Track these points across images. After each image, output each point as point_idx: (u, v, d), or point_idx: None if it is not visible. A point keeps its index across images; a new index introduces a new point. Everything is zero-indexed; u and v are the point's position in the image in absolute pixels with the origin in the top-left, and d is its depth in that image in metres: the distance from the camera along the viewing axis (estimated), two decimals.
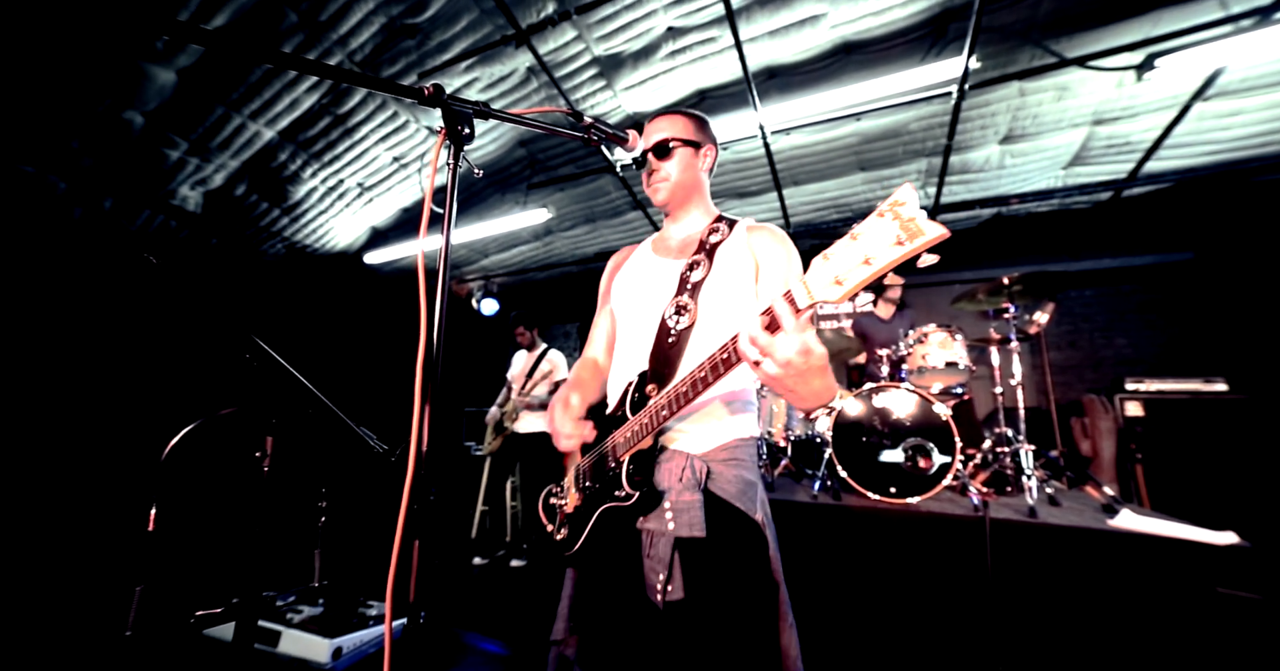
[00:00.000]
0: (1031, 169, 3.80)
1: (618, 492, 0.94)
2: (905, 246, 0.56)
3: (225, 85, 3.01)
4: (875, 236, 0.60)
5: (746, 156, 3.87)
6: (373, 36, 2.80)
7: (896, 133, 3.50)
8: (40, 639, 2.05)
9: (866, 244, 0.60)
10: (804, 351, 0.65)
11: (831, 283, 0.62)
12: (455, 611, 2.49)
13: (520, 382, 3.75)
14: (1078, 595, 2.02)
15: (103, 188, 3.57)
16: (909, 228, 0.57)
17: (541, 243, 5.35)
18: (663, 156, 1.13)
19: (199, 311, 0.96)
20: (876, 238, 0.59)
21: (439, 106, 0.75)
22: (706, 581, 0.87)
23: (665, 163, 1.13)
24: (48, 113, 2.93)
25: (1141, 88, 2.96)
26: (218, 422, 1.13)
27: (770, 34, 2.82)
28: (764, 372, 0.68)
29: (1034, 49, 2.81)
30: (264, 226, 4.40)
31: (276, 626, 1.78)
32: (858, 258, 0.60)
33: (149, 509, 1.11)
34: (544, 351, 3.79)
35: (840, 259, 0.62)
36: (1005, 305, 3.06)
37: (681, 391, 0.86)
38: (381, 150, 3.73)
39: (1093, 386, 4.19)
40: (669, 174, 1.13)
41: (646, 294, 1.11)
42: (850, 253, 0.61)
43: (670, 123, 1.15)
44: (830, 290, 0.63)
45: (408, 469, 0.67)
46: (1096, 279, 4.52)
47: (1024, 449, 2.75)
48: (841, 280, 0.61)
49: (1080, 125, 3.31)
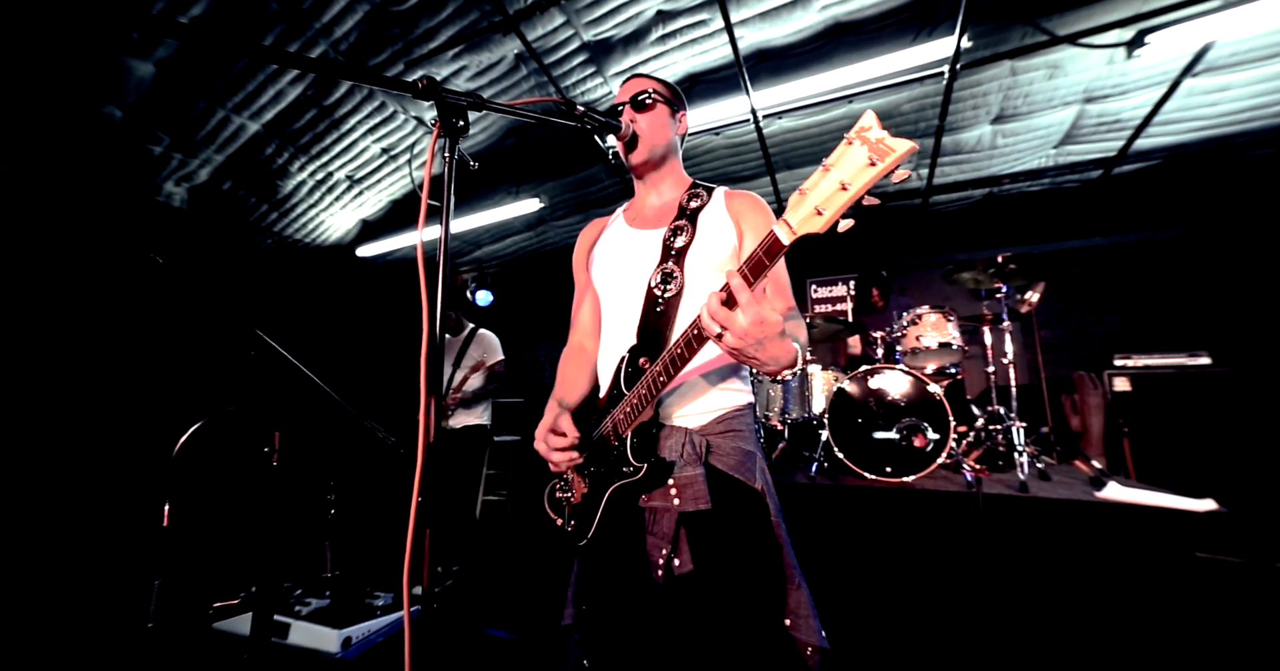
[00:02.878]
0: (1023, 149, 3.81)
1: (625, 469, 0.94)
2: (878, 165, 0.58)
3: (206, 77, 2.94)
4: (847, 162, 0.61)
5: (739, 141, 3.85)
6: (357, 25, 2.74)
7: (889, 114, 3.49)
8: (66, 633, 2.09)
9: (840, 171, 0.62)
10: (758, 321, 0.69)
11: (812, 214, 0.64)
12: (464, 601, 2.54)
13: (448, 374, 3.13)
14: (1067, 564, 2.10)
15: (85, 185, 3.50)
16: (878, 148, 0.59)
17: (534, 232, 5.32)
18: (640, 110, 1.10)
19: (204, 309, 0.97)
20: (848, 163, 0.61)
21: (433, 99, 0.74)
22: (712, 552, 0.89)
23: (642, 116, 1.10)
24: (23, 108, 2.85)
25: (1132, 64, 2.96)
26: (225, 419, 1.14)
27: (761, 16, 2.79)
28: (726, 344, 0.72)
29: (1025, 27, 2.80)
30: (253, 221, 4.34)
31: (285, 618, 1.82)
32: (834, 185, 0.62)
33: (162, 505, 1.13)
34: (471, 332, 3.26)
35: (817, 190, 0.64)
36: (997, 285, 3.10)
37: (677, 353, 0.84)
38: (370, 142, 3.67)
39: (1083, 363, 4.27)
40: (644, 128, 1.09)
41: (629, 265, 1.09)
42: (826, 183, 0.63)
43: (649, 81, 1.14)
44: (812, 221, 0.64)
45: (417, 459, 0.68)
46: (1087, 257, 4.57)
47: (1015, 426, 2.82)
48: (822, 209, 0.63)
49: (1071, 103, 3.31)
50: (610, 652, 0.96)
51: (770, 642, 0.87)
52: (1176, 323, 4.21)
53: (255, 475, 1.11)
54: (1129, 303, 4.43)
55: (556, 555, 3.02)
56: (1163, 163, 3.89)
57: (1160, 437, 3.23)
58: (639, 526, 0.96)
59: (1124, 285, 4.46)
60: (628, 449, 0.94)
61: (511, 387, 6.80)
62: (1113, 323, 4.45)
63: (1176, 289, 4.26)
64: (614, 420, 0.98)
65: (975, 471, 2.71)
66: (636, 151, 1.10)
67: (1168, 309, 4.27)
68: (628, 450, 0.94)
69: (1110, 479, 2.48)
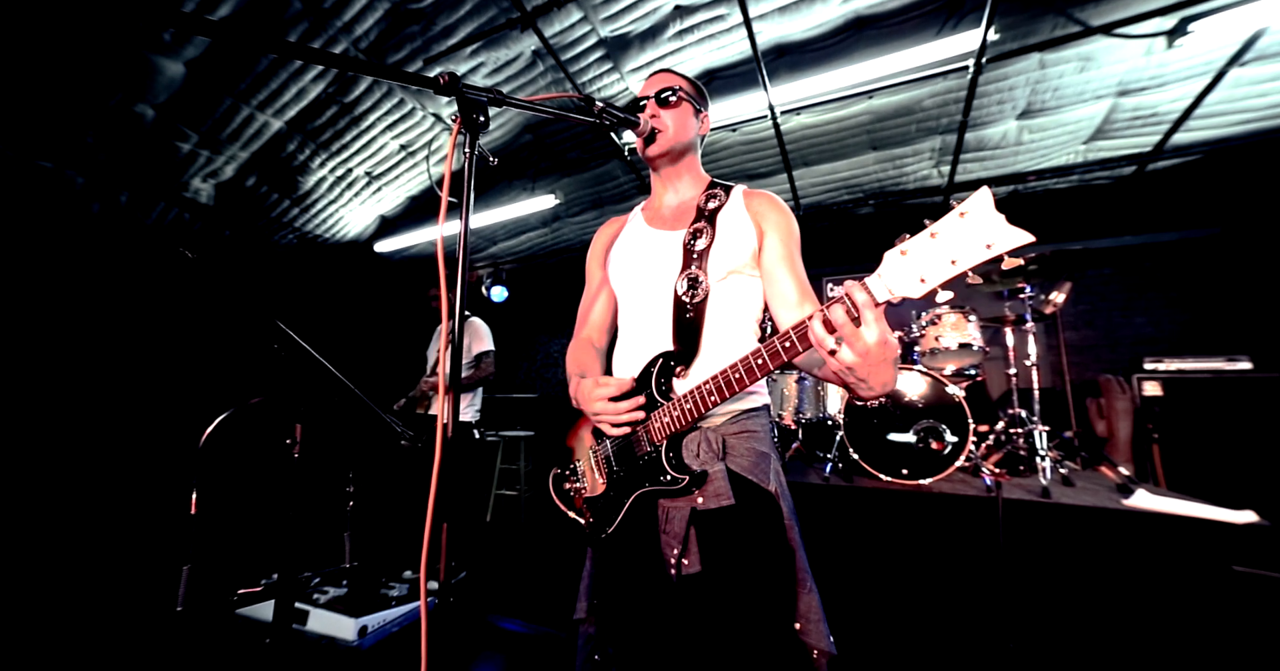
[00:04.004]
0: (1050, 144, 3.69)
1: (662, 477, 0.94)
2: (994, 249, 0.59)
3: (233, 76, 3.01)
4: (958, 237, 0.61)
5: (756, 137, 3.80)
6: (377, 22, 2.77)
7: (910, 110, 3.40)
8: (101, 616, 2.18)
9: (950, 245, 0.62)
10: (883, 342, 0.66)
11: (915, 280, 0.64)
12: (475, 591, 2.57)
13: (434, 356, 3.01)
14: (1092, 574, 2.03)
15: (119, 182, 3.62)
16: (994, 233, 0.59)
17: (549, 229, 5.34)
18: (665, 106, 1.09)
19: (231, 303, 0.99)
20: (960, 239, 0.61)
21: (454, 94, 0.74)
22: (722, 553, 0.88)
23: (666, 112, 1.09)
24: (63, 108, 2.96)
25: (1172, 55, 2.82)
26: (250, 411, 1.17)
27: (780, 10, 2.74)
28: (839, 361, 0.68)
29: (1056, 18, 2.70)
30: (275, 217, 4.44)
31: (305, 606, 1.86)
32: (942, 256, 0.62)
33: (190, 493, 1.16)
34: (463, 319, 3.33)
35: (921, 256, 0.64)
36: (1021, 285, 3.01)
37: (735, 377, 0.84)
38: (389, 138, 3.72)
39: (1110, 366, 4.13)
40: (667, 125, 1.08)
41: (652, 268, 1.08)
42: (931, 250, 0.63)
43: (675, 78, 1.13)
44: (914, 287, 0.65)
45: (435, 453, 0.69)
46: (1116, 257, 4.41)
47: (1038, 429, 2.74)
48: (925, 278, 0.64)
49: (1104, 97, 3.19)
50: (622, 649, 0.96)
51: (779, 646, 0.86)
52: (1212, 326, 4.03)
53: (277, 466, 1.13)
54: (1161, 304, 4.26)
55: (568, 549, 3.03)
56: (1203, 158, 3.72)
57: (1194, 445, 3.10)
58: (653, 524, 0.96)
59: (1156, 286, 4.29)
60: (663, 458, 0.94)
61: (524, 384, 6.86)
62: (1143, 325, 4.29)
63: (1214, 291, 4.08)
64: (647, 426, 0.97)
65: (995, 475, 2.64)
66: (655, 144, 1.09)
67: (1203, 311, 4.10)
68: (663, 459, 0.94)
69: (1138, 486, 2.40)
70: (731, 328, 1.02)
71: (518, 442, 4.83)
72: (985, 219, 0.60)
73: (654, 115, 1.08)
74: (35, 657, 1.88)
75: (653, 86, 1.12)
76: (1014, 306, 3.17)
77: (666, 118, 1.08)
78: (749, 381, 0.84)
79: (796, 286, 1.00)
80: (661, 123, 1.08)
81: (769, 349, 0.79)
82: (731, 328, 1.02)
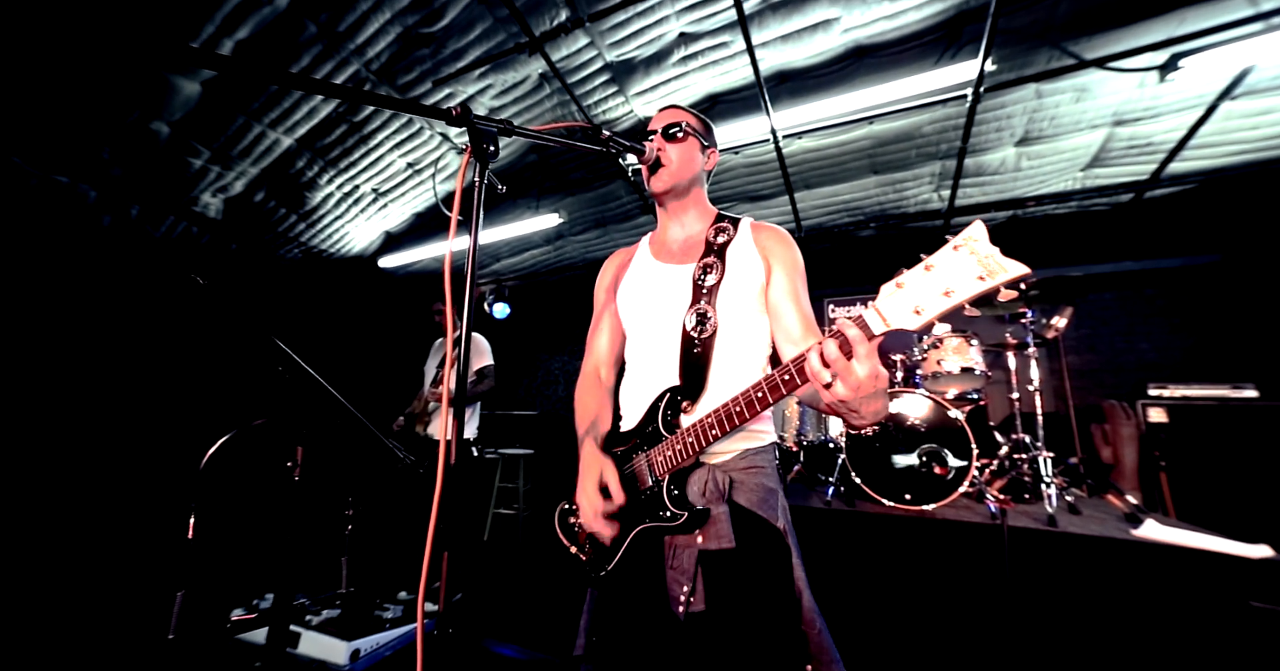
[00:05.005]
0: (1049, 171, 3.74)
1: (662, 513, 0.93)
2: (987, 281, 0.59)
3: (246, 95, 3.08)
4: (953, 270, 0.62)
5: (758, 160, 3.86)
6: (389, 46, 2.84)
7: (910, 136, 3.46)
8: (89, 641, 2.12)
9: (944, 277, 0.62)
10: (874, 375, 0.68)
11: (910, 312, 0.64)
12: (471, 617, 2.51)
13: (434, 372, 2.99)
14: (1100, 606, 1.98)
15: (130, 196, 3.67)
16: (988, 264, 0.59)
17: (552, 247, 5.38)
18: (672, 140, 1.10)
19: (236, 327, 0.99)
20: (955, 271, 0.61)
21: (465, 126, 0.76)
22: (729, 593, 0.86)
23: (672, 147, 1.10)
24: (81, 125, 3.02)
25: (1165, 88, 2.90)
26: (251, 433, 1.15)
27: (782, 39, 2.81)
28: (833, 393, 0.70)
29: (1051, 51, 2.77)
30: (282, 232, 4.49)
31: (297, 628, 1.81)
32: (936, 289, 0.62)
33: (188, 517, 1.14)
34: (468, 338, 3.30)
35: (916, 288, 0.64)
36: (1022, 309, 3.01)
37: (736, 410, 0.84)
38: (396, 156, 3.78)
39: (1113, 391, 4.10)
40: (672, 159, 1.09)
41: (659, 302, 1.09)
42: (926, 283, 0.63)
43: (684, 114, 1.14)
44: (909, 319, 0.65)
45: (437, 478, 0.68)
46: (1117, 282, 4.43)
47: (1042, 455, 2.70)
48: (920, 310, 0.64)
49: (1100, 126, 3.25)
50: None
51: None
52: (1216, 352, 4.02)
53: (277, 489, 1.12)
54: (1164, 330, 4.26)
55: (566, 577, 2.96)
56: (1199, 186, 3.77)
57: (1201, 474, 3.05)
58: (659, 560, 0.94)
59: (1159, 312, 4.29)
60: (664, 494, 0.94)
61: (525, 401, 6.82)
62: (1146, 350, 4.27)
63: (1217, 317, 4.08)
64: (650, 460, 0.97)
65: (1000, 502, 2.59)
66: (659, 178, 1.10)
67: (1207, 338, 4.09)
68: (664, 495, 0.94)
69: (1147, 516, 2.35)
70: (739, 363, 1.02)
71: (517, 461, 4.77)
72: (979, 251, 0.60)
73: (660, 149, 1.09)
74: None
75: (661, 121, 1.13)
76: (1016, 331, 3.17)
77: (672, 153, 1.10)
78: (749, 415, 0.83)
79: (800, 321, 1.00)
80: (667, 157, 1.09)
81: (769, 382, 0.80)
82: (739, 363, 1.02)
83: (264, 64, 0.68)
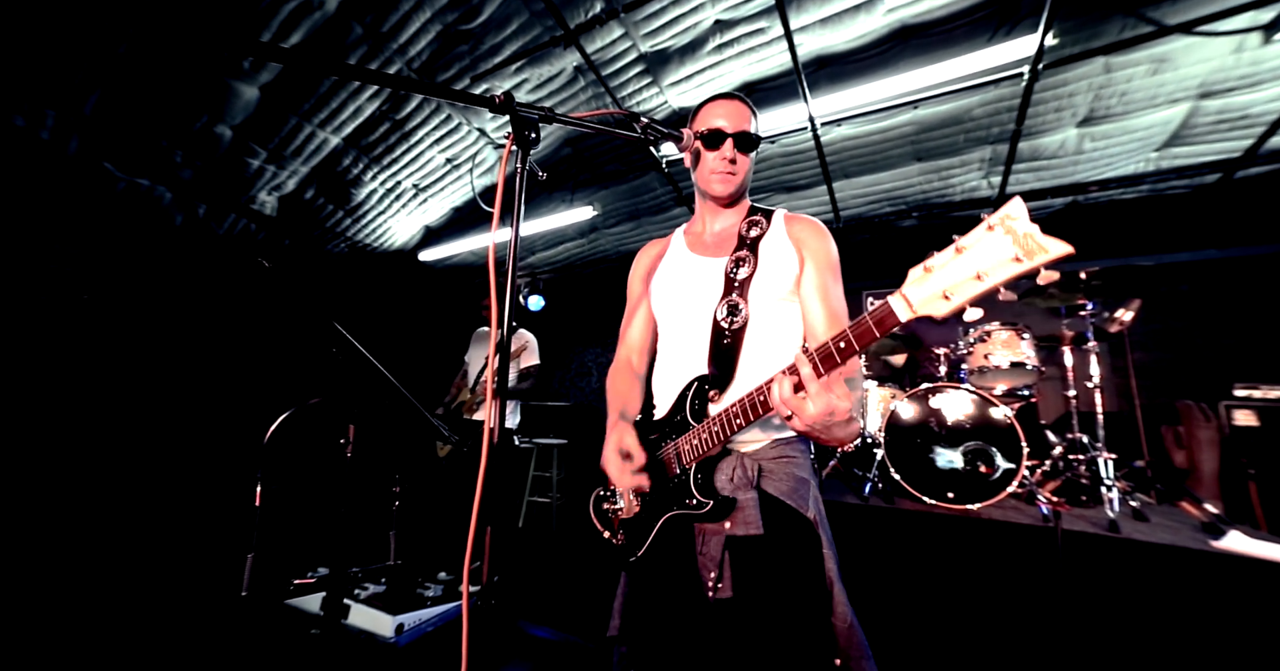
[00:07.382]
0: (1116, 153, 3.47)
1: (688, 501, 0.94)
2: (1024, 263, 0.54)
3: (298, 97, 3.25)
4: (986, 251, 0.57)
5: (795, 149, 3.76)
6: (429, 44, 2.92)
7: (958, 120, 3.28)
8: (173, 599, 2.35)
9: (977, 258, 0.57)
10: (828, 411, 0.71)
11: (939, 297, 0.60)
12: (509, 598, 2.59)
13: (479, 363, 3.23)
14: (1171, 621, 1.84)
15: (198, 196, 3.95)
16: (1026, 243, 0.54)
17: (586, 239, 5.43)
18: (744, 149, 1.08)
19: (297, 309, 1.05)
20: (988, 252, 0.57)
21: (508, 113, 0.78)
22: (756, 580, 0.86)
23: (744, 156, 1.09)
24: (158, 131, 3.28)
25: (1269, 50, 2.57)
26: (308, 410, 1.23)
27: (821, 22, 2.72)
28: (793, 425, 0.76)
29: (1125, 19, 2.54)
30: (329, 227, 4.71)
31: (347, 601, 1.93)
32: (967, 272, 0.58)
33: (255, 486, 1.23)
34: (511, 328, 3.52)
35: (945, 272, 0.60)
36: (1081, 302, 2.82)
37: (760, 400, 0.84)
38: (435, 152, 3.90)
39: (1187, 391, 3.78)
40: (742, 169, 1.09)
41: (692, 294, 1.09)
42: (957, 266, 0.59)
43: (748, 115, 1.10)
44: (937, 305, 0.61)
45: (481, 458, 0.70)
46: (1197, 272, 4.06)
47: (1102, 457, 2.54)
48: (950, 294, 0.59)
49: (1181, 101, 2.96)
50: (657, 668, 0.94)
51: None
52: None
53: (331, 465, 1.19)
54: (1250, 325, 3.89)
55: (598, 559, 3.02)
56: None
57: None
58: (690, 545, 0.95)
59: (1244, 305, 3.91)
60: (691, 482, 0.94)
61: (558, 392, 6.94)
62: (1229, 347, 3.91)
63: None
64: (678, 448, 0.98)
65: (1053, 504, 2.45)
66: (730, 187, 1.10)
67: None
68: (691, 483, 0.94)
69: (1231, 527, 2.16)
70: (769, 354, 1.01)
71: (550, 450, 4.87)
72: (1017, 229, 0.55)
73: (731, 158, 1.08)
74: (114, 633, 2.02)
75: (729, 118, 1.08)
76: (1073, 324, 2.97)
77: (744, 162, 1.10)
78: (764, 411, 0.84)
79: (826, 317, 1.00)
80: (738, 167, 1.09)
81: (749, 400, 0.86)
82: (769, 354, 1.01)
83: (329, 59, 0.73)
